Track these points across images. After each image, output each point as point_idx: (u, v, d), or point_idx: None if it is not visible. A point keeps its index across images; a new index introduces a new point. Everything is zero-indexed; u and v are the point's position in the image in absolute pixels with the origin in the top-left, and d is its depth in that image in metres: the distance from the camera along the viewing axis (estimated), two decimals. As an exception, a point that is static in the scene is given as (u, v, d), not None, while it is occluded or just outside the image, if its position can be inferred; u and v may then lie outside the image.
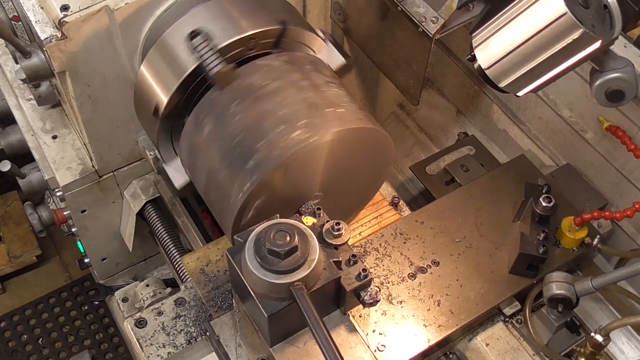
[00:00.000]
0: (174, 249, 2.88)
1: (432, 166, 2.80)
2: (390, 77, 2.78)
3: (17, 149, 3.00)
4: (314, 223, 1.93)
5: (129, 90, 2.33)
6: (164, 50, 2.17)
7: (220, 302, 2.28)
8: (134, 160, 2.80)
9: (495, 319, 2.27)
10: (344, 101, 2.08)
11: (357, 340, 1.96)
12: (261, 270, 1.72)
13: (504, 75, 1.87)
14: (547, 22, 1.72)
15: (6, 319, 3.85)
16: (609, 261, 2.63)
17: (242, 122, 2.01)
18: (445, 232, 2.36)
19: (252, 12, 2.18)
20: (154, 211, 2.96)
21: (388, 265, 2.27)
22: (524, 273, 2.25)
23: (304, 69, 2.12)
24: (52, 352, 3.75)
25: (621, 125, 2.42)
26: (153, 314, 2.33)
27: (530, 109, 2.90)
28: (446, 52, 3.19)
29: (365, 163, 2.18)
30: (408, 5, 2.39)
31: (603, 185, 2.64)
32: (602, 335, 1.98)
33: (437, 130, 3.41)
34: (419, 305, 2.19)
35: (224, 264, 2.36)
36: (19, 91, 2.93)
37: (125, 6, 2.19)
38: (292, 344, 1.91)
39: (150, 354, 2.25)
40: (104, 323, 3.84)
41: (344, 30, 2.94)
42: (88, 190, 2.78)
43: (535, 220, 2.25)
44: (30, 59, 2.36)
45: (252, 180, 1.92)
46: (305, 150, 1.94)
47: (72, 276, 4.03)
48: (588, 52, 1.74)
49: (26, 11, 2.25)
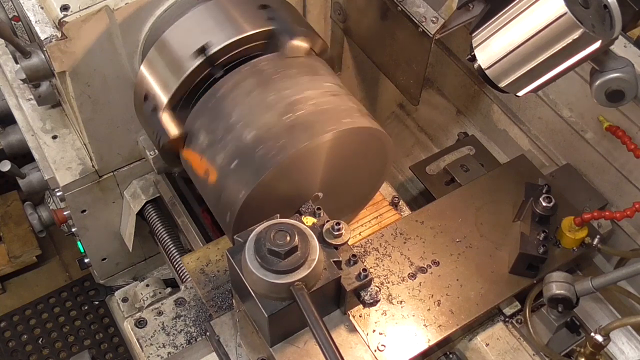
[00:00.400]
0: (174, 249, 2.88)
1: (432, 166, 2.80)
2: (390, 77, 2.78)
3: (17, 149, 3.00)
4: (314, 223, 1.93)
5: (129, 90, 2.33)
6: (164, 50, 2.17)
7: (220, 302, 2.28)
8: (134, 160, 2.80)
9: (495, 319, 2.27)
10: (344, 101, 2.08)
11: (357, 340, 1.95)
12: (261, 270, 1.72)
13: (504, 75, 1.87)
14: (547, 22, 1.72)
15: (6, 319, 3.85)
16: (609, 261, 2.63)
17: (242, 121, 2.01)
18: (446, 232, 2.36)
19: (253, 13, 2.18)
20: (154, 211, 2.96)
21: (388, 265, 2.27)
22: (524, 273, 2.25)
23: (304, 69, 2.12)
24: (52, 352, 3.75)
25: (621, 125, 2.42)
26: (153, 314, 2.33)
27: (530, 109, 2.90)
28: (446, 52, 3.19)
29: (365, 163, 2.18)
30: (408, 5, 2.39)
31: (603, 185, 2.64)
32: (602, 335, 1.98)
33: (437, 130, 3.41)
34: (419, 305, 2.19)
35: (224, 264, 2.36)
36: (19, 91, 2.93)
37: (125, 6, 2.19)
38: (292, 343, 1.91)
39: (150, 354, 2.25)
40: (104, 323, 3.84)
41: (344, 30, 2.94)
42: (88, 190, 2.78)
43: (536, 220, 2.25)
44: (30, 59, 2.36)
45: (252, 180, 1.92)
46: (305, 150, 1.94)
47: (72, 276, 4.02)
48: (588, 52, 1.74)
49: (26, 11, 2.25)
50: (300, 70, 2.11)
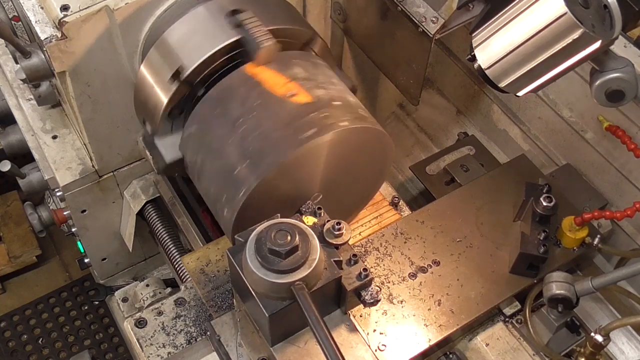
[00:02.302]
0: (174, 249, 2.88)
1: (432, 166, 2.80)
2: (390, 77, 2.78)
3: (17, 149, 3.00)
4: (315, 223, 1.93)
5: (129, 90, 2.33)
6: (164, 50, 2.17)
7: (220, 302, 2.28)
8: (134, 160, 2.80)
9: (495, 319, 2.27)
10: (344, 101, 2.08)
11: (358, 340, 1.96)
12: (262, 269, 1.72)
13: (504, 75, 1.87)
14: (547, 22, 1.72)
15: (6, 319, 3.85)
16: (609, 261, 2.64)
17: (242, 121, 2.01)
18: (446, 232, 2.36)
19: (253, 12, 2.18)
20: (154, 211, 2.96)
21: (389, 265, 2.27)
22: (524, 273, 2.25)
23: (303, 68, 2.12)
24: (52, 352, 3.75)
25: (621, 125, 2.42)
26: (153, 314, 2.33)
27: (530, 109, 2.90)
28: (446, 52, 3.19)
29: (365, 163, 2.18)
30: (408, 5, 2.39)
31: (603, 185, 2.65)
32: (602, 335, 1.98)
33: (437, 130, 3.41)
34: (420, 304, 2.19)
35: (224, 264, 2.36)
36: (19, 91, 2.93)
37: (125, 6, 2.19)
38: (292, 343, 1.91)
39: (150, 354, 2.25)
40: (104, 323, 3.84)
41: (344, 30, 2.94)
42: (88, 190, 2.78)
43: (536, 220, 2.25)
44: (30, 59, 2.36)
45: (252, 180, 1.93)
46: (305, 150, 1.94)
47: (72, 276, 4.02)
48: (588, 52, 1.74)
49: (26, 11, 2.25)
50: (300, 69, 2.11)
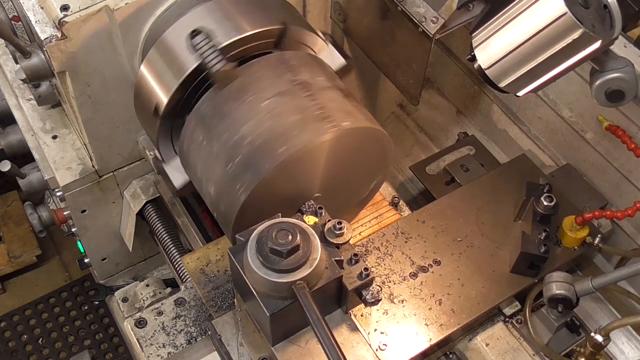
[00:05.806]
0: (174, 249, 2.88)
1: (432, 166, 2.80)
2: (390, 77, 2.78)
3: (17, 149, 3.00)
4: (316, 222, 1.93)
5: (129, 90, 2.33)
6: (164, 50, 2.17)
7: (220, 302, 2.28)
8: (134, 160, 2.80)
9: (495, 319, 2.27)
10: (343, 101, 2.08)
11: (359, 339, 1.96)
12: (263, 269, 1.72)
13: (504, 75, 1.87)
14: (547, 22, 1.72)
15: (6, 319, 3.85)
16: (609, 261, 2.64)
17: (242, 122, 2.01)
18: (447, 232, 2.36)
19: (252, 12, 2.18)
20: (154, 211, 2.96)
21: (389, 265, 2.28)
22: (525, 272, 2.25)
23: (303, 68, 2.12)
24: (52, 352, 3.75)
25: (621, 124, 2.42)
26: (153, 314, 2.33)
27: (530, 109, 2.90)
28: (446, 52, 3.19)
29: (366, 163, 2.18)
30: (408, 5, 2.40)
31: (603, 185, 2.65)
32: (602, 335, 1.98)
33: (437, 130, 3.41)
34: (421, 304, 2.19)
35: (224, 264, 2.36)
36: (19, 91, 2.93)
37: (125, 6, 2.19)
38: (293, 343, 1.92)
39: (150, 354, 2.25)
40: (104, 323, 3.84)
41: (344, 30, 2.94)
42: (88, 190, 2.78)
43: (537, 219, 2.25)
44: (30, 59, 2.36)
45: (252, 180, 1.92)
46: (305, 150, 1.94)
47: (72, 276, 4.02)
48: (588, 52, 1.74)
49: (26, 11, 2.25)
50: (300, 69, 2.11)
